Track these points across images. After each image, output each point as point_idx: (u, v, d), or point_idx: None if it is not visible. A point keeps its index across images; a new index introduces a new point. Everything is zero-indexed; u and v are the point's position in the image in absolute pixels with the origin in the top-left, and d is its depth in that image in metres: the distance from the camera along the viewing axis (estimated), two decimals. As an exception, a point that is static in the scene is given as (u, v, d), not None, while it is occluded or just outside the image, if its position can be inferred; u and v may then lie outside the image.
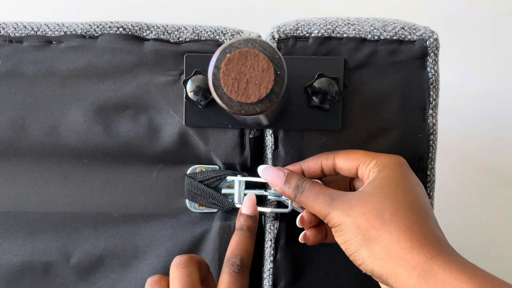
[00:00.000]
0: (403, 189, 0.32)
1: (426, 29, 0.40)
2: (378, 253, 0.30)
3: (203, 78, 0.39)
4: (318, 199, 0.34)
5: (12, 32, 0.41)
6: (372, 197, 0.32)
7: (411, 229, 0.30)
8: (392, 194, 0.32)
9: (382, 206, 0.31)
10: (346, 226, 0.32)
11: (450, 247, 0.31)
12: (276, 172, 0.36)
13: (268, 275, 0.42)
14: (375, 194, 0.32)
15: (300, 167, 0.38)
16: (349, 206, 0.32)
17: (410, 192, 0.33)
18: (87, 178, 0.42)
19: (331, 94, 0.39)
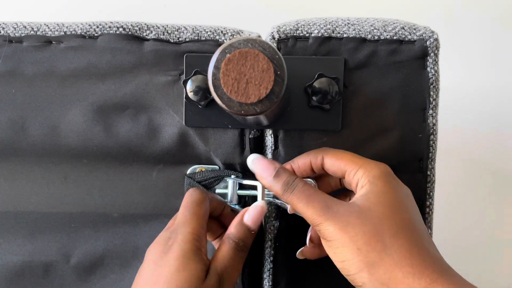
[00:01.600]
0: (399, 209, 0.32)
1: (426, 29, 0.40)
2: (381, 277, 0.29)
3: (203, 78, 0.39)
4: (311, 204, 0.32)
5: (12, 32, 0.41)
6: (370, 215, 0.31)
7: (411, 253, 0.30)
8: (390, 215, 0.31)
9: (382, 227, 0.30)
10: (343, 244, 0.30)
11: (448, 267, 0.30)
12: (266, 164, 0.35)
13: (268, 275, 0.42)
14: (373, 213, 0.31)
15: (290, 166, 0.37)
16: (347, 222, 0.31)
17: (406, 211, 0.32)
18: (87, 178, 0.42)
19: (331, 94, 0.39)
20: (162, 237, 0.35)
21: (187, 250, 0.33)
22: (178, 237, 0.33)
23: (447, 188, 0.61)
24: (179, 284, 0.31)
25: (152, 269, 0.33)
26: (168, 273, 0.32)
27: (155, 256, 0.33)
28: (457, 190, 0.79)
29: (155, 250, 0.34)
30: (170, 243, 0.33)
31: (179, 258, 0.32)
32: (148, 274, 0.33)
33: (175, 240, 0.33)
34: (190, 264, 0.32)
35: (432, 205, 0.42)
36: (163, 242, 0.34)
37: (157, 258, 0.33)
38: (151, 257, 0.34)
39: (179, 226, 0.34)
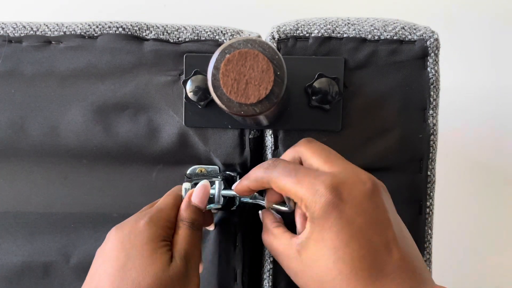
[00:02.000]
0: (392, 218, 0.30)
1: (427, 29, 0.40)
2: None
3: (203, 78, 0.39)
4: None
5: (11, 32, 0.41)
6: (341, 231, 0.28)
7: (405, 263, 0.28)
8: (360, 226, 0.28)
9: (352, 245, 0.28)
10: (318, 260, 0.29)
11: (429, 281, 0.29)
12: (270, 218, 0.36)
13: (268, 275, 0.42)
14: (344, 229, 0.28)
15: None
16: (323, 239, 0.29)
17: (365, 245, 0.29)
18: (87, 179, 0.42)
19: (331, 94, 0.38)
20: (132, 218, 0.34)
21: (157, 235, 0.33)
22: (150, 219, 0.33)
23: (447, 188, 0.61)
24: (150, 270, 0.31)
25: (118, 250, 0.32)
26: (136, 257, 0.31)
27: (122, 236, 0.33)
28: (457, 190, 0.79)
29: (124, 229, 0.33)
30: (140, 225, 0.33)
31: (148, 243, 0.32)
32: (114, 253, 0.32)
33: (145, 223, 0.33)
34: (158, 250, 0.32)
35: (432, 205, 0.42)
36: (132, 222, 0.33)
37: (125, 239, 0.32)
38: (119, 235, 0.33)
39: (153, 210, 0.35)
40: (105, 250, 0.33)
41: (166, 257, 0.32)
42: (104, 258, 0.32)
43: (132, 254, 0.31)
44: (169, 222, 0.34)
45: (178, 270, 0.32)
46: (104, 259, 0.32)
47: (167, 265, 0.32)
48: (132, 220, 0.34)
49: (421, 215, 0.41)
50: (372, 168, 0.40)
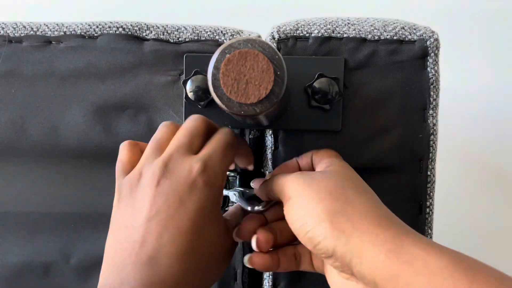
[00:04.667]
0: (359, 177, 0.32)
1: (427, 29, 0.40)
2: (343, 226, 0.28)
3: (203, 78, 0.39)
4: (284, 165, 0.35)
5: (11, 32, 0.41)
6: (335, 175, 0.31)
7: (375, 208, 0.29)
8: (353, 179, 0.31)
9: (343, 184, 0.30)
10: (305, 198, 0.29)
11: (413, 230, 0.29)
12: None
13: (268, 275, 0.42)
14: (338, 174, 0.31)
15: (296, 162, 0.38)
16: (312, 179, 0.30)
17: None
18: (87, 179, 0.42)
19: (331, 94, 0.38)
20: (181, 167, 0.29)
21: (215, 205, 0.30)
22: (206, 178, 0.29)
23: (447, 188, 0.61)
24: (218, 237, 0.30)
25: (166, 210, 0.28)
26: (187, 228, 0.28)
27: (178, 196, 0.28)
28: (457, 190, 0.79)
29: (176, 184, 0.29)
30: (190, 182, 0.29)
31: (203, 215, 0.29)
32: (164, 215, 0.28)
33: (199, 183, 0.29)
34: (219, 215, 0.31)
35: (432, 205, 0.42)
36: (185, 176, 0.29)
37: (174, 200, 0.28)
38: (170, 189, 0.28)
39: (209, 158, 0.30)
40: (143, 196, 0.29)
41: (224, 225, 0.31)
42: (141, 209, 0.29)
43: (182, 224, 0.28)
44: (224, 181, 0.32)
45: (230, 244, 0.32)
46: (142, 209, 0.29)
47: (226, 232, 0.31)
48: (183, 171, 0.29)
49: (421, 215, 0.41)
50: (372, 168, 0.40)
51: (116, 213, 0.30)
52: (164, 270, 0.26)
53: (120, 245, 0.28)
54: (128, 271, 0.27)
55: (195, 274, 0.28)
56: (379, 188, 0.41)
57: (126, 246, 0.28)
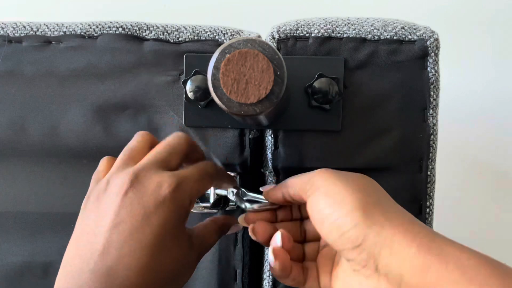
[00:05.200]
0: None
1: (427, 29, 0.40)
2: (376, 217, 0.28)
3: (203, 78, 0.39)
4: (298, 177, 0.32)
5: (11, 32, 0.41)
6: (363, 176, 0.31)
7: (404, 211, 0.30)
8: (373, 183, 0.32)
9: (374, 184, 0.31)
10: (336, 188, 0.29)
11: None
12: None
13: (268, 275, 0.42)
14: (365, 177, 0.32)
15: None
16: (341, 173, 0.31)
17: None
18: (87, 179, 0.42)
19: (331, 94, 0.38)
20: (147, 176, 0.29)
21: (185, 211, 0.29)
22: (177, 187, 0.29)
23: (447, 188, 0.61)
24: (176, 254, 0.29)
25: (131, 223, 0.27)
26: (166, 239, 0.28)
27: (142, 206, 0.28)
28: (457, 190, 0.79)
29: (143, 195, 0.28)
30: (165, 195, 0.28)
31: (176, 225, 0.28)
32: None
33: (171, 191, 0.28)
34: (183, 232, 0.29)
35: (432, 205, 0.42)
36: (154, 187, 0.28)
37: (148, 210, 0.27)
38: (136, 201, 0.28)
39: (182, 178, 0.29)
40: (107, 201, 0.29)
41: (188, 242, 0.30)
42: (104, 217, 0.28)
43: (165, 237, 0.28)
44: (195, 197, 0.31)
45: (193, 259, 0.31)
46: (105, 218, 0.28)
47: (189, 249, 0.30)
48: (151, 181, 0.28)
49: (421, 215, 0.41)
50: (372, 168, 0.40)
51: (80, 218, 0.30)
52: (121, 283, 0.26)
53: (80, 251, 0.28)
54: (85, 279, 0.26)
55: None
56: (379, 188, 0.41)
57: (86, 253, 0.27)
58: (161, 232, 0.27)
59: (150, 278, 0.27)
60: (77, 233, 0.29)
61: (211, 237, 0.33)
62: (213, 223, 0.34)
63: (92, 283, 0.26)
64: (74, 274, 0.27)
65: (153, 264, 0.27)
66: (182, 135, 0.32)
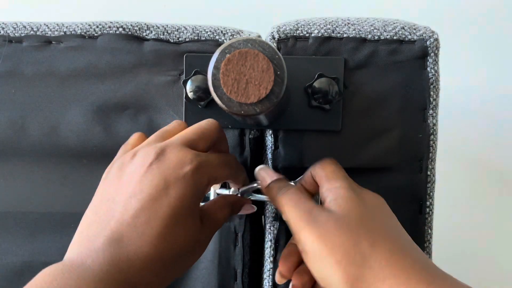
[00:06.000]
0: (373, 214, 0.30)
1: (427, 29, 0.40)
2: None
3: (203, 78, 0.39)
4: (296, 208, 0.31)
5: (11, 32, 0.41)
6: (347, 222, 0.30)
7: (392, 263, 0.28)
8: (366, 221, 0.30)
9: (359, 236, 0.29)
10: (322, 256, 0.29)
11: (435, 270, 0.29)
12: (268, 172, 0.35)
13: (268, 275, 0.42)
14: (350, 220, 0.30)
15: (300, 185, 0.36)
16: (326, 230, 0.29)
17: (380, 217, 0.31)
18: (87, 179, 0.42)
19: (331, 94, 0.38)
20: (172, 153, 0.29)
21: (202, 192, 0.29)
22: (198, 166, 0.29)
23: (447, 188, 0.61)
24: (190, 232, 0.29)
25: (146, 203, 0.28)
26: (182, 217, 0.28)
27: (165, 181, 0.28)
28: (457, 190, 0.79)
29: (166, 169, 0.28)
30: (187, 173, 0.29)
31: (191, 204, 0.29)
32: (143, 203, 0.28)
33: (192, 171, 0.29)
34: (196, 211, 0.30)
35: (432, 205, 0.42)
36: (176, 163, 0.29)
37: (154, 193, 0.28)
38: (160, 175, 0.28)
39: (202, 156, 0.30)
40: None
41: (201, 220, 0.30)
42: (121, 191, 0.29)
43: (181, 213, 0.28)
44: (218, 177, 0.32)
45: (206, 237, 0.31)
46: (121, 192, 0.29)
47: (202, 227, 0.30)
48: (174, 158, 0.29)
49: (421, 215, 0.41)
50: (372, 168, 0.40)
51: (100, 187, 0.30)
52: (134, 250, 0.26)
53: (98, 218, 0.28)
54: (99, 244, 0.26)
55: (163, 261, 0.27)
56: (379, 188, 0.41)
57: (104, 220, 0.28)
58: (177, 205, 0.28)
59: (162, 249, 0.27)
60: (96, 200, 0.30)
61: (222, 212, 0.33)
62: (222, 198, 0.34)
63: (105, 249, 0.26)
64: (90, 239, 0.27)
65: (167, 235, 0.27)
66: (214, 122, 0.32)
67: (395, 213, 0.33)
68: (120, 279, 0.26)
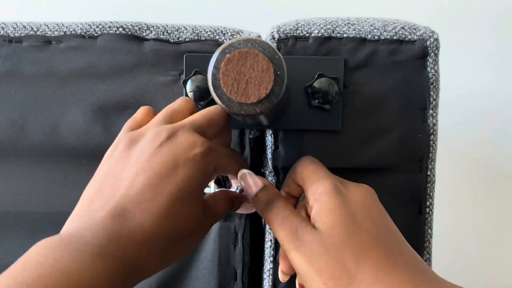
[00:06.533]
0: (356, 226, 0.30)
1: (427, 29, 0.40)
2: None
3: (203, 78, 0.39)
4: (283, 226, 0.31)
5: (11, 32, 0.41)
6: (331, 241, 0.29)
7: (379, 276, 0.28)
8: (348, 237, 0.29)
9: (343, 254, 0.28)
10: (310, 277, 0.29)
11: (426, 272, 0.28)
12: (254, 180, 0.33)
13: (268, 275, 0.42)
14: (333, 238, 0.29)
15: (284, 192, 0.36)
16: (312, 252, 0.29)
17: (363, 226, 0.30)
18: (87, 179, 0.42)
19: (331, 94, 0.38)
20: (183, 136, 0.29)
21: (209, 175, 0.30)
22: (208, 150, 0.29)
23: (447, 188, 0.61)
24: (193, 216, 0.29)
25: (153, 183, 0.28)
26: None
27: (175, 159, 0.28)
28: (457, 190, 0.79)
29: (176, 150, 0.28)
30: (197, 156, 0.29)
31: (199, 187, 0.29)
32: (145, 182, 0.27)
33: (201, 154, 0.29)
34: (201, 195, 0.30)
35: (432, 205, 0.42)
36: (186, 146, 0.29)
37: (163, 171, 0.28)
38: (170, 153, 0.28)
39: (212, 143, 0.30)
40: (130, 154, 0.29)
41: (203, 206, 0.30)
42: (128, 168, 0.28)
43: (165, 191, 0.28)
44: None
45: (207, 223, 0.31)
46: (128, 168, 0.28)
47: (203, 213, 0.30)
48: (184, 141, 0.29)
49: (421, 215, 0.41)
50: (372, 168, 0.40)
51: (105, 164, 0.30)
52: (135, 226, 0.26)
53: (102, 192, 0.28)
54: (100, 218, 0.26)
55: (164, 240, 0.27)
56: (379, 188, 0.41)
57: (108, 194, 0.27)
58: (184, 185, 0.28)
59: (163, 228, 0.27)
60: (100, 176, 0.29)
61: (222, 205, 0.33)
62: (223, 192, 0.34)
63: (106, 223, 0.26)
64: (92, 213, 0.27)
65: (169, 214, 0.27)
66: (222, 109, 0.32)
67: (395, 213, 0.33)
68: (119, 255, 0.25)
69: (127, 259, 0.26)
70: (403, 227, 0.32)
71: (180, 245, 0.29)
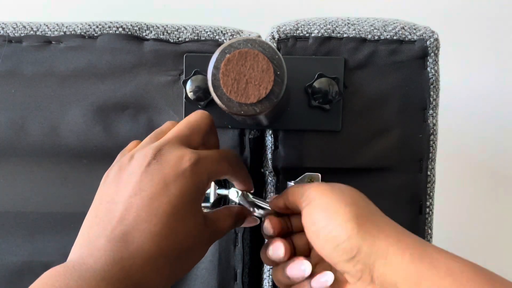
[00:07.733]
0: (357, 198, 0.32)
1: (427, 29, 0.40)
2: (369, 228, 0.29)
3: (203, 78, 0.39)
4: (297, 187, 0.33)
5: (11, 32, 0.41)
6: (354, 189, 0.32)
7: (395, 223, 0.30)
8: (364, 197, 0.32)
9: (364, 198, 0.31)
10: (329, 200, 0.30)
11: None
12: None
13: (268, 275, 0.42)
14: (355, 190, 0.32)
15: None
16: (334, 185, 0.31)
17: (366, 203, 0.32)
18: (87, 179, 0.42)
19: (331, 94, 0.38)
20: (171, 152, 0.29)
21: (203, 190, 0.30)
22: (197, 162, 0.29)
23: (447, 188, 0.61)
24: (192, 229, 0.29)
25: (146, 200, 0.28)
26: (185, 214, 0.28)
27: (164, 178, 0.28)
28: (457, 190, 0.79)
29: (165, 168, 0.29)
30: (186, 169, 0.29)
31: (194, 200, 0.29)
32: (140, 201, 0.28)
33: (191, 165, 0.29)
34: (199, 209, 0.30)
35: (432, 205, 0.42)
36: (175, 160, 0.29)
37: (156, 189, 0.28)
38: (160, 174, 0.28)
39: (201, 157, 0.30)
40: (124, 179, 0.29)
41: (203, 220, 0.30)
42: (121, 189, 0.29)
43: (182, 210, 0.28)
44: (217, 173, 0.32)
45: (208, 238, 0.31)
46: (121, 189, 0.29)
47: (204, 227, 0.30)
48: (174, 156, 0.29)
49: (421, 215, 0.41)
50: (372, 168, 0.40)
51: (100, 190, 0.31)
52: (136, 248, 0.26)
53: (99, 219, 0.28)
54: (100, 244, 0.27)
55: (165, 258, 0.28)
56: (379, 188, 0.41)
57: (104, 220, 0.28)
58: (178, 202, 0.28)
59: (164, 247, 0.27)
60: (96, 203, 0.30)
61: (225, 222, 0.33)
62: (227, 209, 0.34)
63: (106, 248, 0.26)
64: (91, 240, 0.27)
65: (168, 232, 0.27)
66: (202, 113, 0.33)
67: (395, 213, 0.33)
68: (122, 277, 0.26)
69: (131, 280, 0.26)
70: (403, 227, 0.32)
71: (182, 261, 0.29)
